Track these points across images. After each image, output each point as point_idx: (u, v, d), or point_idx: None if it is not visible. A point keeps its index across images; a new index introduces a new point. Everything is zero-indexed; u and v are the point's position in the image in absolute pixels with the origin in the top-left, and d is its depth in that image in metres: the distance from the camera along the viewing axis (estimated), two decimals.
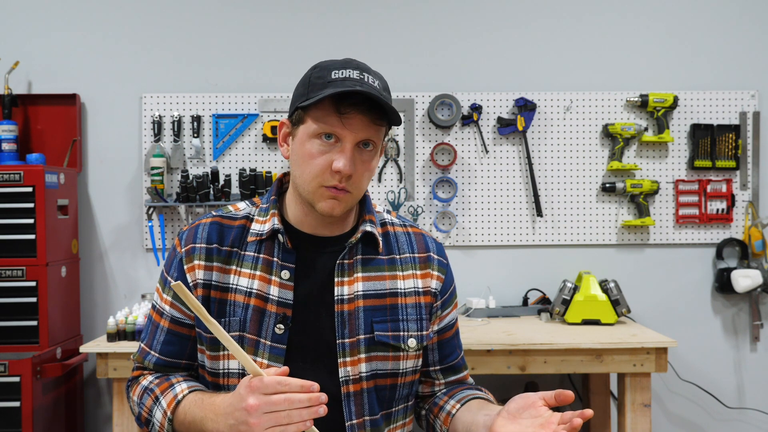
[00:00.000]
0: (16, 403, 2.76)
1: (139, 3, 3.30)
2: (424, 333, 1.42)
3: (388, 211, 1.51)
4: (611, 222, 3.34)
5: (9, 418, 2.76)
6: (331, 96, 1.26)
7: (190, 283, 1.36)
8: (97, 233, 3.31)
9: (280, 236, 1.37)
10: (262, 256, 1.36)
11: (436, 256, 1.47)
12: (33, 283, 2.86)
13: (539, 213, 3.29)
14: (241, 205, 1.44)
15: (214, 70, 3.30)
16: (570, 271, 3.24)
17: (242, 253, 1.37)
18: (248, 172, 3.10)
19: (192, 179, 3.11)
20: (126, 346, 2.64)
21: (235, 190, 3.20)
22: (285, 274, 1.35)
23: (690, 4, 3.37)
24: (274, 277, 1.35)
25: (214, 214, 1.42)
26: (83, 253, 3.29)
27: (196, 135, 3.23)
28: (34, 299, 2.86)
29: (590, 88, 3.35)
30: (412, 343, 1.39)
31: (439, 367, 1.49)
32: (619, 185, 3.27)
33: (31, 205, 2.86)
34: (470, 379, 1.55)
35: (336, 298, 1.36)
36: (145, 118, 3.26)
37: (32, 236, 2.86)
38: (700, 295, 3.37)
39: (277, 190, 1.44)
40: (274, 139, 3.24)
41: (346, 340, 1.35)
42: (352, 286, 1.37)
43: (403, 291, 1.41)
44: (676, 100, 3.27)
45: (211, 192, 3.15)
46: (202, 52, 3.31)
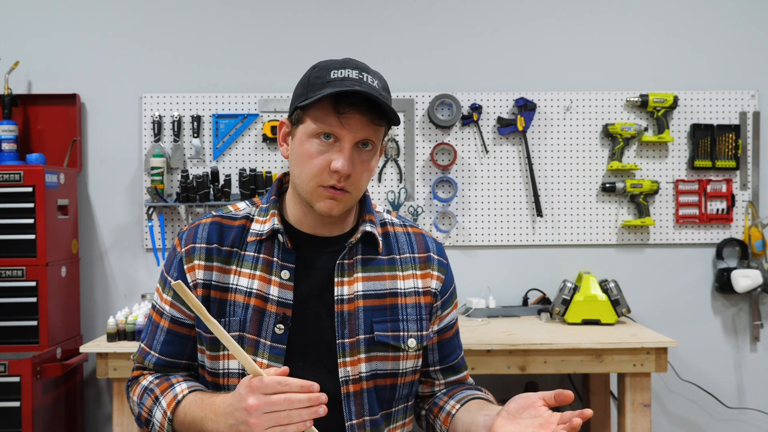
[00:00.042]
0: (16, 403, 2.76)
1: (139, 3, 3.30)
2: (424, 333, 1.42)
3: (388, 211, 1.51)
4: (611, 222, 3.34)
5: (9, 418, 2.76)
6: (330, 96, 1.26)
7: (190, 283, 1.36)
8: (97, 233, 3.31)
9: (280, 236, 1.37)
10: (262, 256, 1.37)
11: (436, 256, 1.47)
12: (33, 283, 2.86)
13: (539, 213, 3.29)
14: (241, 205, 1.44)
15: (214, 70, 3.30)
16: (570, 271, 3.24)
17: (242, 253, 1.37)
18: (248, 172, 3.10)
19: (192, 179, 3.11)
20: (126, 346, 2.64)
21: (235, 190, 3.20)
22: (285, 274, 1.35)
23: (690, 4, 3.37)
24: (274, 277, 1.35)
25: (214, 214, 1.42)
26: (83, 253, 3.29)
27: (196, 135, 3.23)
28: (34, 299, 2.86)
29: (590, 88, 3.35)
30: (412, 343, 1.39)
31: (439, 367, 1.49)
32: (619, 185, 3.27)
33: (31, 205, 2.86)
34: (470, 380, 1.55)
35: (336, 298, 1.36)
36: (145, 118, 3.26)
37: (32, 236, 2.86)
38: (700, 295, 3.37)
39: (277, 190, 1.44)
40: (274, 139, 3.24)
41: (346, 340, 1.35)
42: (352, 286, 1.37)
43: (403, 291, 1.41)
44: (676, 100, 3.27)
45: (211, 192, 3.15)
46: (202, 52, 3.31)
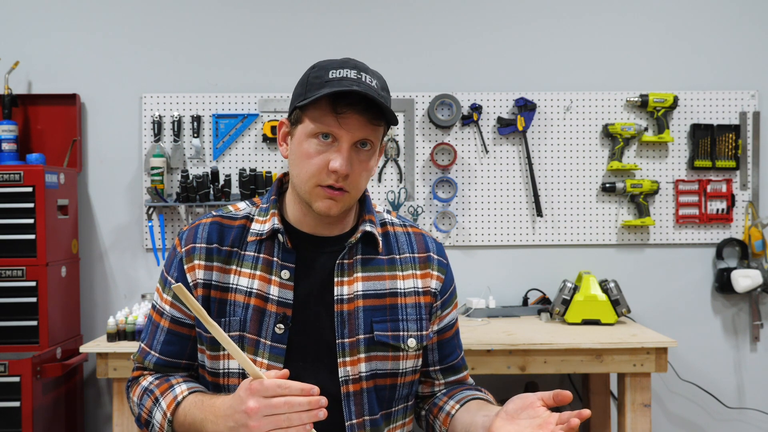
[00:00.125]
0: (16, 403, 2.76)
1: (139, 3, 3.30)
2: (424, 333, 1.42)
3: (388, 211, 1.51)
4: (611, 222, 3.34)
5: (9, 418, 2.76)
6: (328, 96, 1.26)
7: (190, 283, 1.36)
8: (97, 233, 3.31)
9: (280, 236, 1.37)
10: (262, 255, 1.36)
11: (435, 256, 1.47)
12: (33, 283, 2.86)
13: (539, 213, 3.29)
14: (241, 205, 1.44)
15: (214, 70, 3.30)
16: (570, 271, 3.24)
17: (242, 252, 1.37)
18: (248, 172, 3.10)
19: (192, 179, 3.11)
20: (126, 346, 2.64)
21: (235, 190, 3.20)
22: (285, 274, 1.35)
23: (690, 4, 3.37)
24: (274, 277, 1.35)
25: (214, 214, 1.42)
26: (83, 253, 3.29)
27: (196, 135, 3.23)
28: (34, 299, 2.86)
29: (590, 88, 3.35)
30: (412, 343, 1.39)
31: (438, 367, 1.49)
32: (619, 185, 3.27)
33: (31, 205, 2.86)
34: (470, 380, 1.55)
35: (336, 298, 1.36)
36: (145, 118, 3.26)
37: (32, 236, 2.86)
38: (700, 295, 3.37)
39: (277, 190, 1.44)
40: (274, 139, 3.24)
41: (346, 340, 1.35)
42: (351, 286, 1.37)
43: (402, 291, 1.41)
44: (676, 100, 3.27)
45: (211, 192, 3.15)
46: (202, 52, 3.31)
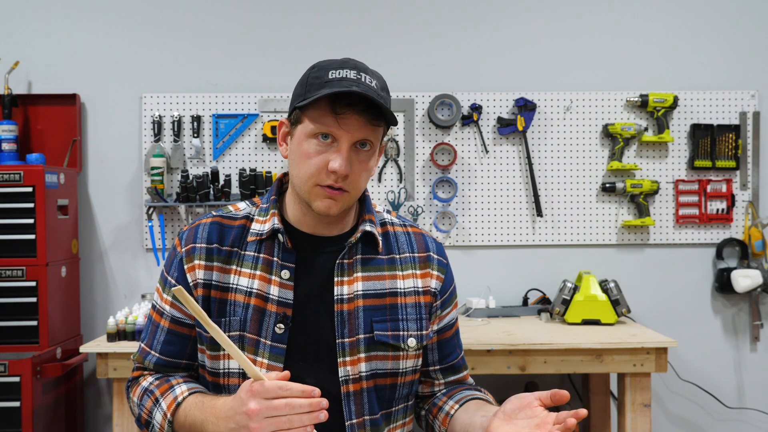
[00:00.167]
0: (16, 403, 2.76)
1: (139, 3, 3.30)
2: (424, 333, 1.42)
3: (388, 211, 1.51)
4: (611, 222, 3.34)
5: (9, 418, 2.76)
6: (327, 96, 1.26)
7: (190, 283, 1.36)
8: (97, 233, 3.31)
9: (280, 236, 1.37)
10: (262, 255, 1.37)
11: (435, 256, 1.47)
12: (33, 283, 2.86)
13: (539, 213, 3.29)
14: (242, 205, 1.44)
15: (214, 70, 3.30)
16: (570, 271, 3.24)
17: (242, 252, 1.37)
18: (248, 172, 3.10)
19: (192, 179, 3.11)
20: (126, 346, 2.64)
21: (235, 190, 3.20)
22: (285, 274, 1.35)
23: (690, 4, 3.37)
24: (274, 277, 1.35)
25: (214, 214, 1.42)
26: (83, 253, 3.29)
27: (196, 135, 3.23)
28: (34, 299, 2.86)
29: (590, 88, 3.35)
30: (412, 342, 1.39)
31: (438, 367, 1.49)
32: (619, 185, 3.27)
33: (31, 205, 2.86)
34: (470, 380, 1.55)
35: (336, 298, 1.36)
36: (145, 118, 3.26)
37: (32, 236, 2.86)
38: (700, 295, 3.37)
39: (277, 190, 1.44)
40: (274, 139, 3.24)
41: (346, 340, 1.35)
42: (351, 286, 1.37)
43: (402, 291, 1.41)
44: (676, 100, 3.27)
45: (211, 192, 3.15)
46: (202, 52, 3.31)
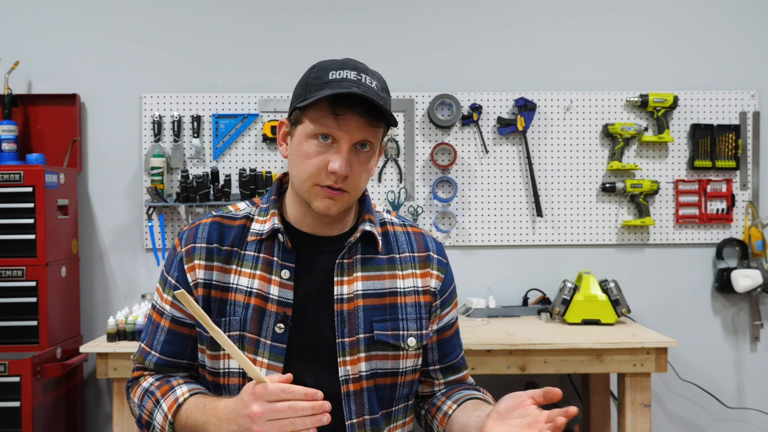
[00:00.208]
0: (16, 403, 2.76)
1: (139, 3, 3.30)
2: (424, 332, 1.42)
3: (388, 211, 1.51)
4: (611, 222, 3.34)
5: (9, 418, 2.76)
6: (328, 97, 1.26)
7: (191, 283, 1.36)
8: (97, 233, 3.31)
9: (280, 236, 1.37)
10: (262, 255, 1.37)
11: (435, 256, 1.47)
12: (33, 283, 2.86)
13: (539, 213, 3.29)
14: (241, 205, 1.44)
15: (214, 70, 3.30)
16: (570, 271, 3.24)
17: (242, 252, 1.37)
18: (248, 172, 3.10)
19: (192, 179, 3.11)
20: (126, 346, 2.64)
21: (235, 190, 3.20)
22: (285, 274, 1.35)
23: (690, 4, 3.37)
24: (274, 277, 1.35)
25: (214, 214, 1.42)
26: (83, 253, 3.29)
27: (196, 135, 3.23)
28: (34, 299, 2.86)
29: (590, 88, 3.35)
30: (412, 342, 1.39)
31: (438, 367, 1.49)
32: (619, 185, 3.27)
33: (31, 205, 2.86)
34: (470, 379, 1.55)
35: (336, 298, 1.36)
36: (145, 118, 3.26)
37: (32, 236, 2.86)
38: (700, 295, 3.37)
39: (277, 190, 1.44)
40: (274, 139, 3.24)
41: (346, 339, 1.35)
42: (351, 286, 1.37)
43: (402, 290, 1.41)
44: (676, 100, 3.27)
45: (211, 192, 3.15)
46: (203, 52, 3.31)
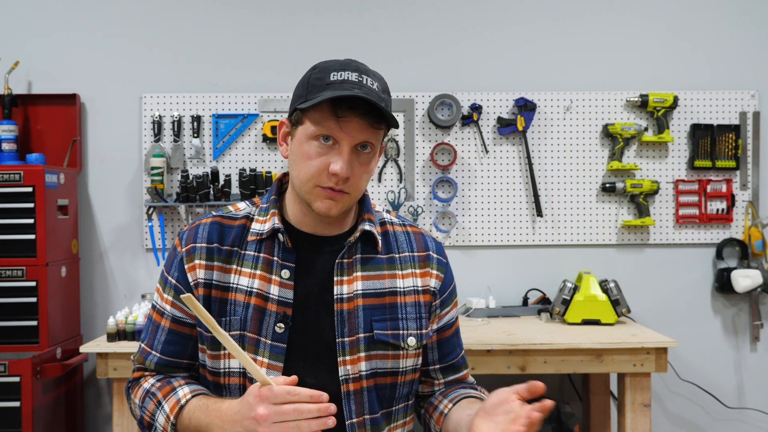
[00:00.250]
0: (16, 403, 2.76)
1: (139, 3, 3.30)
2: (424, 331, 1.42)
3: (388, 211, 1.51)
4: (611, 222, 3.34)
5: (9, 418, 2.76)
6: (329, 99, 1.26)
7: (191, 283, 1.36)
8: (97, 233, 3.31)
9: (280, 236, 1.37)
10: (262, 255, 1.37)
11: (435, 255, 1.47)
12: (33, 283, 2.86)
13: (539, 213, 3.29)
14: (241, 205, 1.44)
15: (214, 70, 3.30)
16: (570, 271, 3.24)
17: (242, 252, 1.38)
18: (248, 172, 3.10)
19: (192, 179, 3.11)
20: (126, 346, 2.64)
21: (235, 190, 3.20)
22: (285, 274, 1.35)
23: (690, 4, 3.37)
24: (274, 276, 1.36)
25: (214, 214, 1.42)
26: (83, 253, 3.29)
27: (196, 135, 3.23)
28: (34, 299, 2.86)
29: (590, 88, 3.35)
30: (412, 341, 1.39)
31: (438, 366, 1.49)
32: (619, 185, 3.27)
33: (31, 205, 2.86)
34: (471, 379, 1.55)
35: (335, 297, 1.36)
36: (145, 118, 3.26)
37: (32, 236, 2.86)
38: (700, 295, 3.37)
39: (277, 190, 1.44)
40: (274, 139, 3.24)
41: (346, 339, 1.35)
42: (351, 285, 1.37)
43: (402, 290, 1.41)
44: (676, 100, 3.27)
45: (211, 192, 3.15)
46: (203, 52, 3.31)
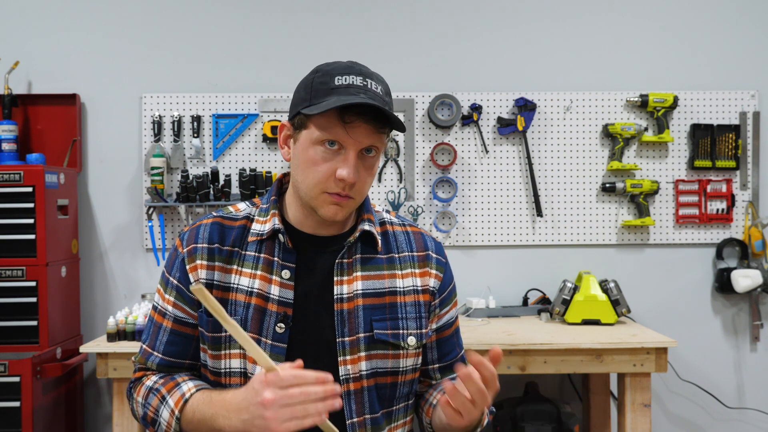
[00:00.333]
0: (16, 403, 2.76)
1: (139, 3, 3.30)
2: (423, 331, 1.42)
3: (388, 211, 1.51)
4: (611, 222, 3.34)
5: (9, 418, 2.76)
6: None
7: (192, 283, 1.36)
8: (97, 233, 3.31)
9: (280, 236, 1.37)
10: (262, 255, 1.37)
11: (434, 255, 1.47)
12: (33, 283, 2.86)
13: (539, 213, 3.29)
14: (242, 206, 1.44)
15: (214, 70, 3.30)
16: (570, 271, 3.24)
17: (243, 252, 1.38)
18: (248, 172, 3.10)
19: (192, 179, 3.11)
20: (126, 346, 2.64)
21: (235, 190, 3.20)
22: (285, 274, 1.36)
23: (690, 4, 3.37)
24: (274, 277, 1.36)
25: (214, 214, 1.43)
26: (83, 253, 3.29)
27: (196, 135, 3.23)
28: (34, 299, 2.85)
29: (590, 88, 3.35)
30: (412, 341, 1.40)
31: (437, 366, 1.49)
32: (619, 185, 3.27)
33: (31, 205, 2.86)
34: None
35: (335, 297, 1.36)
36: (145, 118, 3.26)
37: (32, 236, 2.86)
38: (700, 295, 3.37)
39: (277, 190, 1.45)
40: (274, 139, 3.24)
41: (346, 339, 1.35)
42: (351, 285, 1.37)
43: (402, 290, 1.41)
44: (676, 100, 3.27)
45: (211, 192, 3.15)
46: (203, 52, 3.31)
